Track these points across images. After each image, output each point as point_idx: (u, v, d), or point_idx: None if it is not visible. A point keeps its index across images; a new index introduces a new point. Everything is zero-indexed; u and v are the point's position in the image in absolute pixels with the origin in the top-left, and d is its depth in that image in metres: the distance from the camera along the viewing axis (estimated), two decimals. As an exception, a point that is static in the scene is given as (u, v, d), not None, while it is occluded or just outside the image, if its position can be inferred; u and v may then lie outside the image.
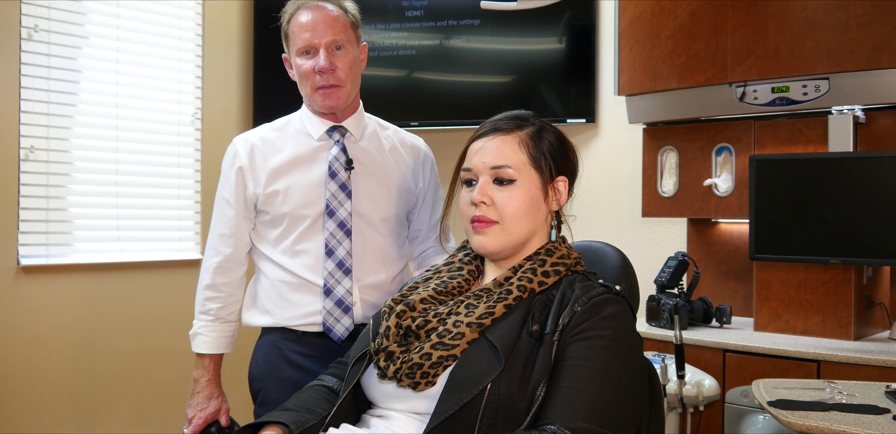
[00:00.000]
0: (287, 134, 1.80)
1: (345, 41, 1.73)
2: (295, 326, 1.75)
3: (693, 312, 2.64)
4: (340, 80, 1.72)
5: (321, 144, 1.78)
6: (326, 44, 1.70)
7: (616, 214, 3.18)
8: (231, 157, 1.79)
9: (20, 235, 2.66)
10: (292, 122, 1.83)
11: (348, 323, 1.72)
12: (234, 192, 1.77)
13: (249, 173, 1.76)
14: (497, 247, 1.29)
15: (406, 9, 3.33)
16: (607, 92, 3.17)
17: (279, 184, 1.74)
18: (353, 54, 1.75)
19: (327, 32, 1.71)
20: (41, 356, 2.71)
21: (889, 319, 2.54)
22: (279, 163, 1.76)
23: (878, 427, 1.50)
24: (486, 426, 1.11)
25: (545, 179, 1.29)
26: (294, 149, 1.77)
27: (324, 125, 1.79)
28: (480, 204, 1.28)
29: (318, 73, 1.70)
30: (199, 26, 3.22)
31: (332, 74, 1.71)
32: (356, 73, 1.78)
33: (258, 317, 1.81)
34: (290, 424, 1.26)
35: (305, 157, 1.77)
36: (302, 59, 1.73)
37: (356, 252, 1.75)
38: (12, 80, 2.63)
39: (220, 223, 1.81)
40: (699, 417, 2.38)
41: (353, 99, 1.81)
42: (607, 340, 1.16)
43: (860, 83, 2.36)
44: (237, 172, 1.77)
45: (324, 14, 1.72)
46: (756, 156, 2.51)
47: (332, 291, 1.72)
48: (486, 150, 1.30)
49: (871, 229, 2.29)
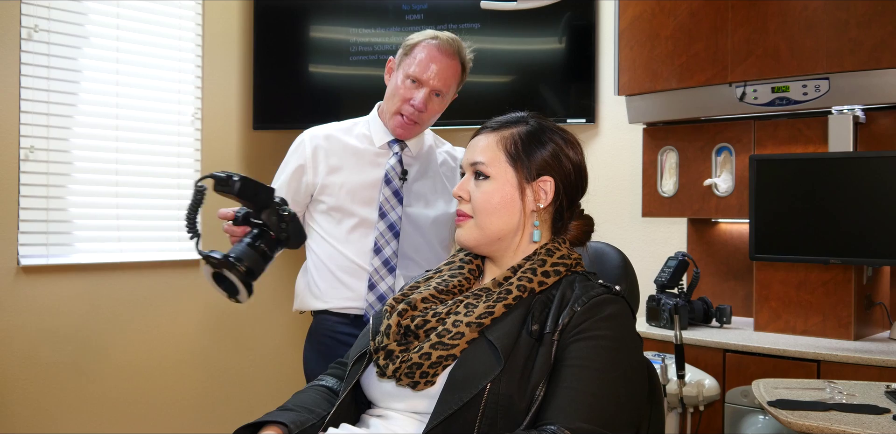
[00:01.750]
0: (352, 135, 1.97)
1: (447, 93, 1.90)
2: (343, 309, 1.90)
3: (693, 312, 2.64)
4: (423, 120, 1.90)
5: (381, 151, 1.95)
6: (433, 87, 1.86)
7: (616, 214, 3.18)
8: (295, 148, 1.97)
9: (20, 235, 2.66)
10: (359, 124, 1.99)
11: None
12: (288, 180, 1.94)
13: (311, 168, 1.93)
14: (471, 241, 1.31)
15: (406, 12, 3.33)
16: (607, 92, 3.17)
17: (336, 177, 1.92)
18: (445, 104, 1.93)
19: (440, 80, 1.85)
20: (41, 356, 2.71)
21: (889, 319, 2.54)
22: (340, 159, 1.93)
23: (878, 427, 1.50)
24: (486, 426, 1.11)
25: (521, 178, 1.29)
26: (356, 149, 1.94)
27: (387, 136, 1.94)
28: (460, 198, 1.33)
29: (410, 105, 1.86)
30: (199, 26, 3.22)
31: (419, 114, 1.87)
32: (435, 118, 1.96)
33: (312, 301, 1.95)
34: (289, 424, 1.26)
35: (364, 159, 1.93)
36: (405, 82, 1.87)
37: (402, 252, 1.91)
38: (12, 80, 2.64)
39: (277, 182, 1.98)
40: (699, 417, 2.38)
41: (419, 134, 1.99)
42: (607, 341, 1.16)
43: (860, 83, 2.36)
44: (297, 169, 1.94)
45: (450, 64, 1.87)
46: (756, 156, 2.51)
47: (376, 286, 1.88)
48: (471, 148, 1.34)
49: (871, 229, 2.29)
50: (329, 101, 3.42)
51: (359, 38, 3.36)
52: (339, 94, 3.41)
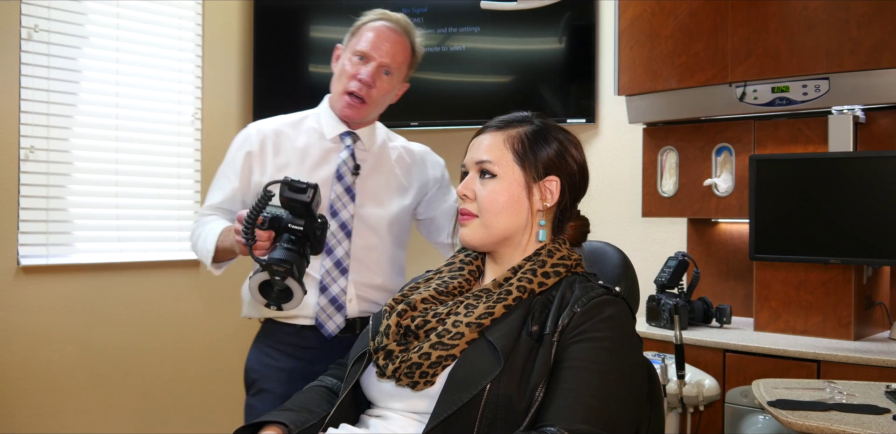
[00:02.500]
0: (300, 130, 1.84)
1: (395, 71, 1.80)
2: (288, 319, 1.80)
3: (693, 312, 2.64)
4: (371, 98, 1.79)
5: (332, 146, 1.83)
6: (381, 63, 1.77)
7: (616, 214, 3.18)
8: (242, 140, 1.84)
9: (20, 235, 2.66)
10: (308, 118, 1.87)
11: (340, 320, 1.78)
12: (239, 174, 1.81)
13: (258, 160, 1.80)
14: (476, 240, 1.30)
15: (406, 13, 3.32)
16: (607, 92, 3.17)
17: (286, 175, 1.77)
18: (393, 84, 1.82)
19: (388, 54, 1.77)
20: (41, 356, 2.71)
21: (889, 319, 2.54)
22: (288, 157, 1.80)
23: (878, 427, 1.50)
24: (486, 426, 1.11)
25: (529, 177, 1.29)
26: (305, 145, 1.82)
27: (339, 128, 1.83)
28: (464, 197, 1.31)
29: (357, 79, 1.76)
30: (199, 26, 3.22)
31: (367, 89, 1.77)
32: (386, 101, 1.85)
33: (255, 309, 1.85)
34: (289, 424, 1.26)
35: (315, 155, 1.81)
36: (352, 59, 1.78)
37: (354, 253, 1.81)
38: (12, 80, 2.64)
39: (212, 197, 1.83)
40: (699, 417, 2.38)
41: (370, 119, 1.87)
42: (607, 342, 1.16)
43: (860, 83, 2.36)
44: (246, 156, 1.80)
45: (398, 39, 1.79)
46: (756, 156, 2.51)
47: (328, 289, 1.78)
48: (476, 146, 1.33)
49: (871, 229, 2.29)
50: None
51: (359, 38, 3.36)
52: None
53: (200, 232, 1.78)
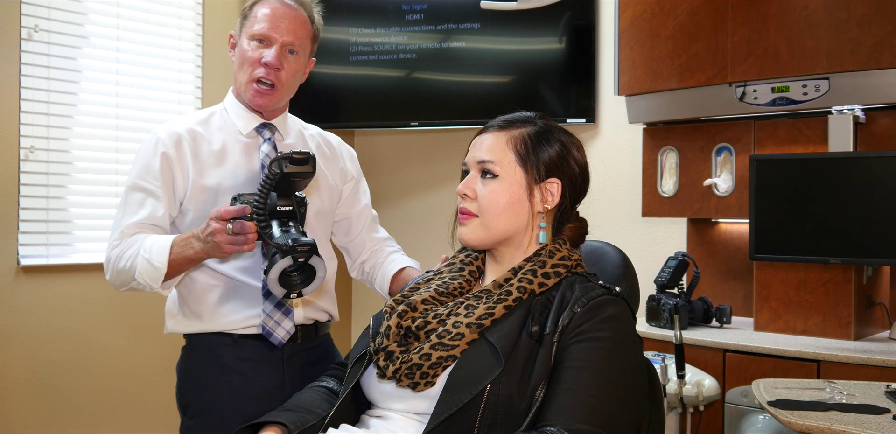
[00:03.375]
0: (212, 128, 1.69)
1: (300, 48, 1.68)
2: (231, 330, 1.64)
3: (693, 312, 2.64)
4: (281, 82, 1.65)
5: (250, 141, 1.69)
6: (284, 42, 1.64)
7: (616, 214, 3.18)
8: (152, 144, 1.62)
9: (20, 235, 2.66)
10: (215, 115, 1.72)
11: (289, 326, 1.65)
12: (161, 180, 1.60)
13: (177, 163, 1.61)
14: (476, 240, 1.30)
15: (406, 12, 3.33)
16: (607, 92, 3.17)
17: (209, 179, 1.62)
18: (301, 62, 1.70)
19: (289, 32, 1.64)
20: (41, 356, 2.71)
21: (889, 319, 2.54)
22: (207, 158, 1.64)
23: (878, 427, 1.51)
24: (486, 427, 1.11)
25: (530, 179, 1.29)
26: (223, 144, 1.67)
27: (253, 121, 1.70)
28: (465, 196, 1.30)
29: (263, 65, 1.63)
30: (199, 26, 3.21)
31: (275, 73, 1.63)
32: (296, 81, 1.72)
33: (186, 323, 1.67)
34: (289, 424, 1.26)
35: (235, 153, 1.67)
36: (251, 45, 1.64)
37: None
38: (12, 80, 2.63)
39: (132, 215, 1.61)
40: (699, 417, 2.38)
41: (283, 104, 1.74)
42: (607, 342, 1.16)
43: (860, 83, 2.36)
44: (162, 159, 1.60)
45: (294, 14, 1.66)
46: (756, 156, 2.51)
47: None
48: (478, 145, 1.32)
49: (871, 229, 2.29)
50: (329, 101, 3.43)
51: (359, 38, 3.36)
52: (339, 93, 3.41)
53: (135, 251, 1.56)
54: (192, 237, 1.50)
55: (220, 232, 1.39)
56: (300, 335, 1.68)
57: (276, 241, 1.31)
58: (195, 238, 1.49)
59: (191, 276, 1.66)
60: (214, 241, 1.43)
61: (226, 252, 1.43)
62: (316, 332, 1.74)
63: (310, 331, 1.72)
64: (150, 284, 1.56)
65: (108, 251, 1.63)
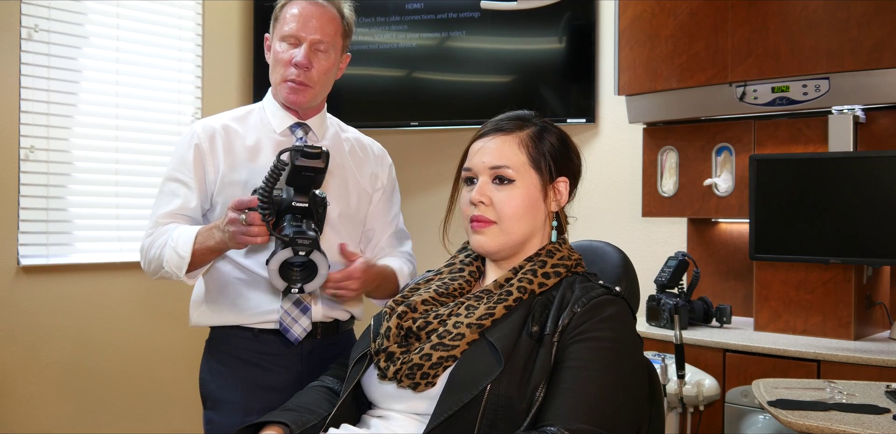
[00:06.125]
0: (248, 125, 1.73)
1: (330, 45, 1.68)
2: (250, 324, 1.67)
3: (693, 312, 2.64)
4: (312, 80, 1.67)
5: (283, 139, 1.72)
6: (312, 41, 1.65)
7: (616, 214, 3.18)
8: (189, 137, 1.69)
9: (20, 235, 2.66)
10: (253, 112, 1.77)
11: (306, 323, 1.67)
12: (193, 172, 1.66)
13: (209, 157, 1.66)
14: (495, 247, 1.28)
15: (406, 12, 3.33)
16: (607, 92, 3.17)
17: (239, 174, 1.66)
18: (333, 60, 1.70)
19: (317, 30, 1.65)
20: (41, 356, 2.71)
21: (889, 319, 2.54)
22: (240, 153, 1.68)
23: (878, 427, 1.51)
24: (486, 427, 1.11)
25: (545, 180, 1.29)
26: (256, 140, 1.71)
27: (288, 120, 1.73)
28: (479, 204, 1.28)
29: (293, 65, 1.65)
30: (199, 26, 3.21)
31: (305, 72, 1.66)
32: (330, 78, 1.73)
33: (210, 316, 1.71)
34: (290, 424, 1.26)
35: (267, 150, 1.70)
36: (282, 46, 1.67)
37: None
38: (12, 80, 2.64)
39: (165, 205, 1.67)
40: (699, 417, 2.38)
41: (319, 102, 1.76)
42: (607, 342, 1.16)
43: (860, 83, 2.36)
44: (196, 151, 1.66)
45: (322, 11, 1.67)
46: (756, 156, 2.51)
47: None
48: (486, 150, 1.30)
49: (871, 229, 2.29)
50: (329, 101, 3.41)
51: (358, 37, 3.36)
52: (339, 93, 3.38)
53: (164, 240, 1.60)
54: (214, 227, 1.53)
55: (235, 222, 1.41)
56: (320, 331, 1.70)
57: (280, 233, 1.31)
58: (216, 228, 1.52)
59: (217, 268, 1.70)
60: (230, 230, 1.44)
61: (239, 242, 1.44)
62: (337, 328, 1.75)
63: (330, 327, 1.73)
64: (175, 273, 1.59)
65: (143, 240, 1.68)
